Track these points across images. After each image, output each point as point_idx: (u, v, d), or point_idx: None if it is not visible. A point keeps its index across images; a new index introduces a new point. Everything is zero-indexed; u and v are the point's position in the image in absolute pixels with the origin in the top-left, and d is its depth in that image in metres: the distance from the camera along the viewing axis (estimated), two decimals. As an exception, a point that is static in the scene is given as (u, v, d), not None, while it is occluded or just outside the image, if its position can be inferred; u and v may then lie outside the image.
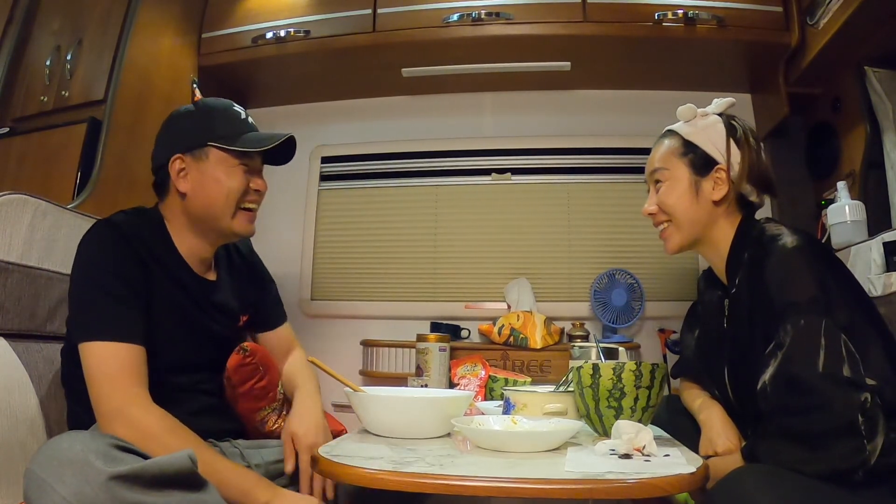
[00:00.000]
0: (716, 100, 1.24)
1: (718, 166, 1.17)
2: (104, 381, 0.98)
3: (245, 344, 1.26)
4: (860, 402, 0.86)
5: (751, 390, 1.01)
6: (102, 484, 0.72)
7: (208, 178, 1.16)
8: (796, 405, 0.91)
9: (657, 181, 1.23)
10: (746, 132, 1.19)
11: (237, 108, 1.23)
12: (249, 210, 1.21)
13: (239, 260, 1.36)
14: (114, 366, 0.99)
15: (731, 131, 1.18)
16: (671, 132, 1.25)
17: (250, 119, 1.24)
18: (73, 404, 1.15)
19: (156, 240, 1.16)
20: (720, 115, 1.22)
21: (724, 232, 1.18)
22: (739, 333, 1.12)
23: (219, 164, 1.17)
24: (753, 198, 1.19)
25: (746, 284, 1.10)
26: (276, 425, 1.29)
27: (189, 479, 0.81)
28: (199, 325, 1.19)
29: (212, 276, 1.26)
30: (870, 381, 0.88)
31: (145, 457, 0.80)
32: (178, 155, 1.18)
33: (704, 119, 1.22)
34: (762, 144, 1.21)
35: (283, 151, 1.24)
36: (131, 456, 0.79)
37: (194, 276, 1.21)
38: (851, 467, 0.85)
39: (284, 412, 1.30)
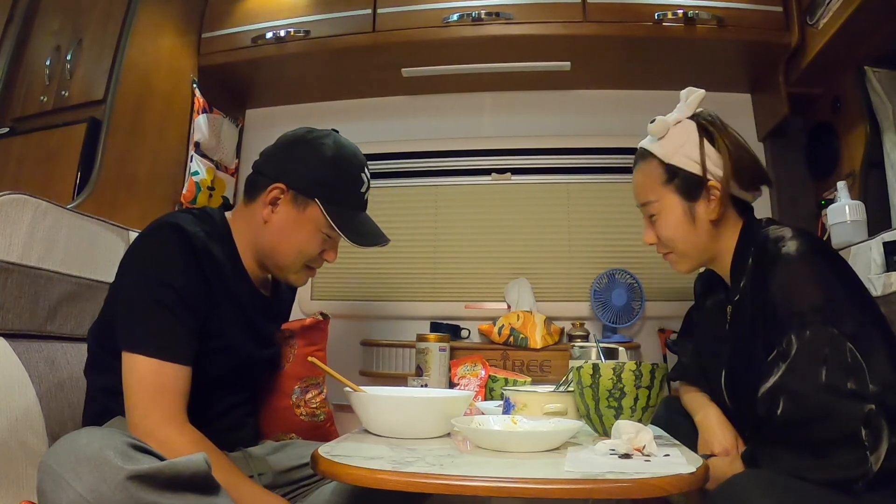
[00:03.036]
0: (683, 93, 1.15)
1: (708, 184, 1.11)
2: (143, 396, 0.97)
3: (325, 312, 1.38)
4: (864, 414, 0.85)
5: (749, 396, 1.00)
6: (120, 483, 0.72)
7: (292, 227, 1.13)
8: (798, 416, 0.90)
9: (650, 214, 1.18)
10: (721, 133, 1.11)
11: (364, 174, 1.18)
12: (313, 268, 1.20)
13: None
14: (156, 384, 0.97)
15: (707, 138, 1.11)
16: (647, 154, 1.17)
17: (367, 194, 1.20)
18: (95, 391, 1.13)
19: (222, 253, 1.12)
20: (693, 117, 1.15)
21: (728, 242, 1.14)
22: (741, 339, 1.10)
23: (309, 222, 1.13)
24: (749, 197, 1.15)
25: (750, 291, 1.07)
26: (316, 400, 1.35)
27: (204, 483, 0.81)
28: (242, 348, 1.16)
29: (268, 293, 1.25)
30: (872, 388, 0.87)
31: (160, 458, 0.80)
32: (281, 185, 1.13)
33: (678, 130, 1.14)
34: (740, 137, 1.13)
35: None
36: (147, 456, 0.79)
37: (254, 293, 1.19)
38: (852, 477, 0.84)
39: (325, 390, 1.37)
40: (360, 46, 2.05)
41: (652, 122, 1.16)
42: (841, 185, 1.70)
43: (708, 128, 1.12)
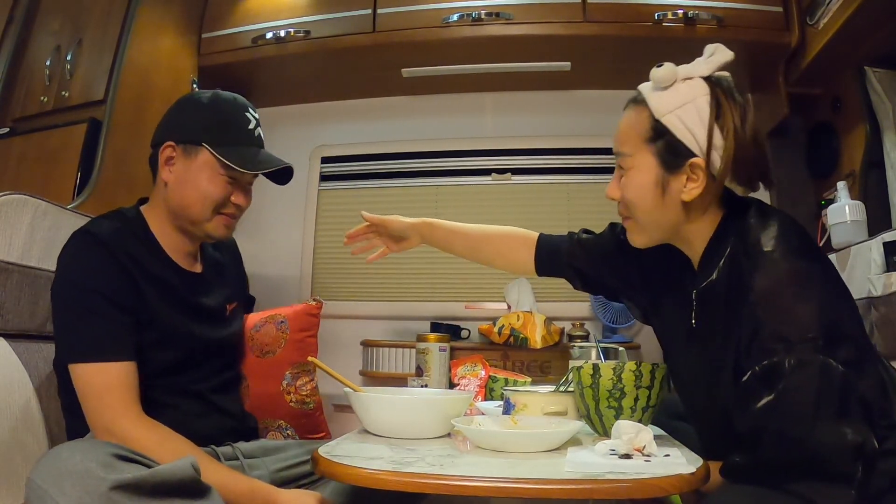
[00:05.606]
0: (709, 47, 0.97)
1: (693, 161, 0.94)
2: (93, 399, 0.98)
3: (317, 297, 1.39)
4: (857, 452, 0.78)
5: (716, 400, 0.95)
6: (103, 494, 0.72)
7: (190, 177, 1.13)
8: (786, 458, 0.82)
9: (620, 166, 1.02)
10: (733, 110, 0.93)
11: (249, 114, 1.18)
12: (227, 215, 1.18)
13: (223, 244, 1.34)
14: (102, 384, 0.98)
15: (716, 111, 0.92)
16: (640, 100, 1.01)
17: (258, 131, 1.18)
18: (69, 417, 1.12)
19: (138, 244, 1.12)
20: (708, 78, 0.96)
21: (700, 227, 0.99)
22: (709, 338, 0.98)
23: (204, 167, 1.13)
24: (740, 191, 1.00)
25: (726, 285, 0.93)
26: (306, 388, 1.35)
27: (191, 487, 0.80)
28: (184, 329, 1.15)
29: (198, 268, 1.23)
30: (863, 412, 0.81)
31: (147, 465, 0.80)
32: (170, 142, 1.14)
33: (684, 87, 0.96)
34: (752, 123, 0.94)
35: (279, 171, 1.19)
36: (132, 465, 0.79)
37: (180, 272, 1.17)
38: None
39: (316, 378, 1.38)
40: (360, 46, 2.05)
41: (659, 67, 0.98)
42: (841, 185, 1.70)
43: (720, 98, 0.93)
